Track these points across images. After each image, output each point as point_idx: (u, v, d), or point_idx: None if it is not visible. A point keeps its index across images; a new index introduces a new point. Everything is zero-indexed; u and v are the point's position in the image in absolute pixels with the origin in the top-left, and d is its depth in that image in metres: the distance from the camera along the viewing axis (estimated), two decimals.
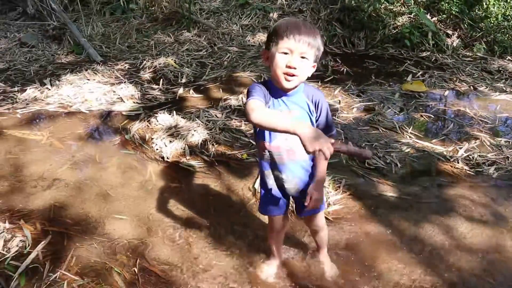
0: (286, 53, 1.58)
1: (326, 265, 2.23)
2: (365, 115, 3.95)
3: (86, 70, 4.83)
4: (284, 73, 1.59)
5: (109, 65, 5.03)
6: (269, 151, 1.78)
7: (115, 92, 4.33)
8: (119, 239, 2.44)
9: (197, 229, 2.54)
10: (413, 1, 6.18)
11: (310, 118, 1.73)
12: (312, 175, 1.85)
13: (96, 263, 2.25)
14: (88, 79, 4.61)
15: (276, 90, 1.67)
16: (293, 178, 1.85)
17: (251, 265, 2.26)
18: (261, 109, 1.51)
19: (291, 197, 1.99)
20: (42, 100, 4.18)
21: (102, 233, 2.49)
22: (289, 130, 1.41)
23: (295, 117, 1.68)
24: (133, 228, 2.53)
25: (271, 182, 1.88)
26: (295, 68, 1.57)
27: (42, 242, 2.35)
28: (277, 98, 1.68)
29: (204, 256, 2.34)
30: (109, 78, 4.69)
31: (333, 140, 1.39)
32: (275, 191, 1.90)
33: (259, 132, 1.77)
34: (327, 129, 1.76)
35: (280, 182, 1.87)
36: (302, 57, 1.58)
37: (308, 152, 1.37)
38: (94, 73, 4.77)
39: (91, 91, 4.32)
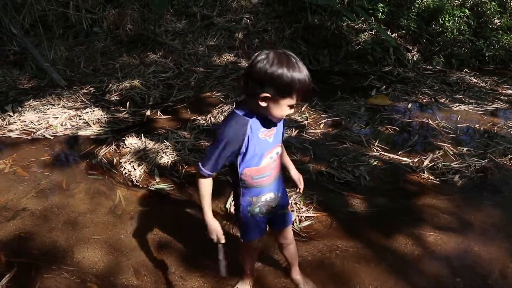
0: (290, 107, 1.65)
1: (301, 282, 2.23)
2: (333, 130, 4.02)
3: (50, 95, 4.74)
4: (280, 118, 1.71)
5: (74, 90, 4.95)
6: (258, 176, 1.79)
7: (80, 116, 4.26)
8: (89, 267, 2.38)
9: (170, 252, 2.50)
10: (373, 18, 6.39)
11: (283, 130, 1.85)
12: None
13: None
14: (52, 104, 4.51)
15: (269, 120, 1.71)
16: (279, 194, 1.90)
17: (226, 287, 2.24)
18: (203, 189, 1.78)
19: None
20: (4, 127, 4.07)
21: (71, 262, 2.42)
22: (203, 213, 1.81)
23: (273, 133, 1.76)
24: (104, 255, 2.47)
25: (257, 210, 1.87)
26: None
27: (7, 276, 2.26)
28: (256, 120, 1.69)
29: (178, 280, 2.30)
30: (74, 102, 4.62)
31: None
32: (262, 215, 1.90)
33: (245, 160, 1.74)
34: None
35: (269, 202, 1.88)
36: None
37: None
38: (58, 98, 4.68)
39: (55, 116, 4.23)
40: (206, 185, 1.76)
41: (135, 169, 3.29)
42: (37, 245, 2.55)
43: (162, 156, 3.43)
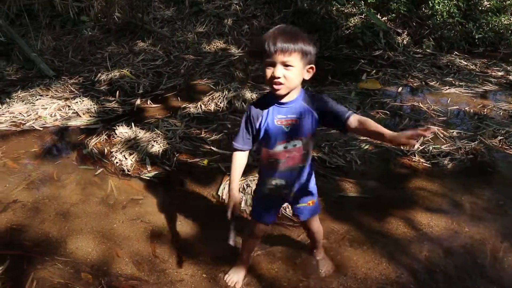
0: (270, 66, 1.64)
1: (321, 263, 2.29)
2: None
3: (38, 85, 4.68)
4: (272, 83, 1.67)
5: (63, 80, 4.88)
6: (269, 159, 1.84)
7: (70, 106, 4.22)
8: (82, 257, 2.38)
9: (163, 240, 2.51)
10: (363, 2, 6.35)
11: (312, 124, 1.80)
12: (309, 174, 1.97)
13: (60, 284, 2.18)
14: (41, 95, 4.46)
15: (274, 100, 1.75)
16: (292, 184, 1.92)
17: (220, 273, 2.25)
18: (233, 162, 1.88)
19: (289, 205, 2.10)
20: None
21: (64, 252, 2.41)
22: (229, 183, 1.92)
23: (292, 124, 1.76)
24: (97, 245, 2.47)
25: (267, 191, 1.94)
26: (279, 78, 1.64)
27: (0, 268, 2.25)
28: (277, 107, 1.76)
29: (172, 267, 2.31)
30: (63, 92, 4.57)
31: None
32: (270, 198, 1.97)
33: (261, 139, 1.82)
34: (338, 119, 1.73)
35: (279, 188, 1.92)
36: (286, 65, 1.63)
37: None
38: (47, 88, 4.63)
39: (44, 107, 4.18)
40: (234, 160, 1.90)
41: (126, 158, 3.27)
42: (30, 236, 2.53)
43: (153, 145, 3.41)
